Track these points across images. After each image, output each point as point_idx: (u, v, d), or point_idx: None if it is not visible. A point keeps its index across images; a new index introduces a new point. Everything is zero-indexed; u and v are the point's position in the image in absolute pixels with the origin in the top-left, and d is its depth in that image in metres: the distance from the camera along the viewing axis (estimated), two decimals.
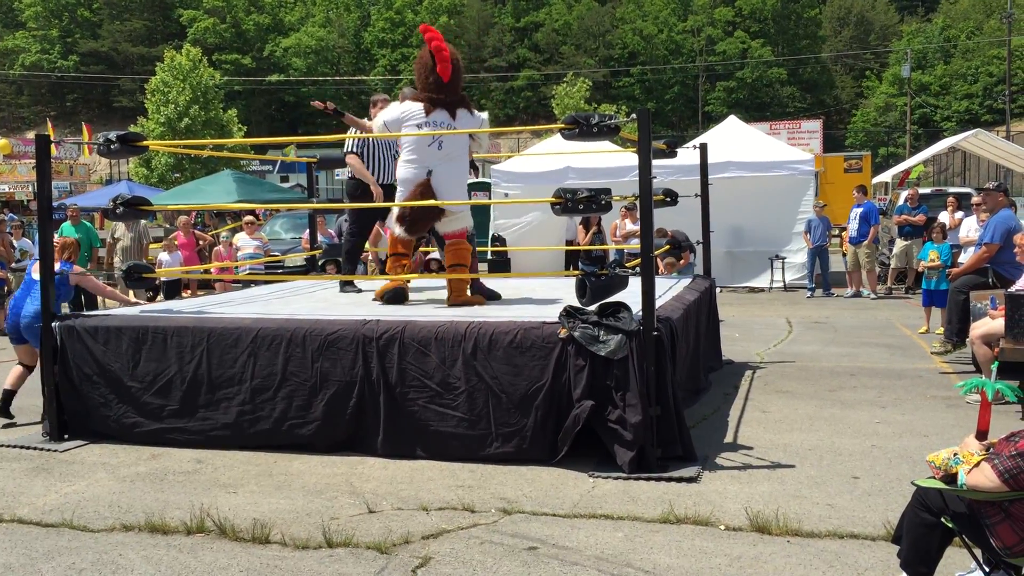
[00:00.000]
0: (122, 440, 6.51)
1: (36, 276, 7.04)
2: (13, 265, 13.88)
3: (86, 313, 7.24)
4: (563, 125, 6.19)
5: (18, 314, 7.30)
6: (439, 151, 7.20)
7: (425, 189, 7.17)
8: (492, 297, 7.76)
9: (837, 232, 19.15)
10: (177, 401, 6.41)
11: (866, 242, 15.24)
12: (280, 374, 6.19)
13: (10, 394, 7.41)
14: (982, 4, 66.46)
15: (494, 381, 5.78)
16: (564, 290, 7.66)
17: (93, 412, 6.62)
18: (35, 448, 6.47)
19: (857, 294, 15.38)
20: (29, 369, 7.42)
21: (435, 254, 10.78)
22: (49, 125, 30.24)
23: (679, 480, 5.39)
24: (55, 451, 6.39)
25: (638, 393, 5.50)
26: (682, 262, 11.75)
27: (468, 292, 7.42)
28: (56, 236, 7.68)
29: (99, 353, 6.57)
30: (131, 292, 7.42)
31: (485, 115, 7.51)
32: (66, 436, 6.66)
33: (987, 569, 3.52)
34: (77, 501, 5.31)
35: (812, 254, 15.85)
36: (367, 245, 11.37)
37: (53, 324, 6.69)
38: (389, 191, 8.06)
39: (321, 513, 4.99)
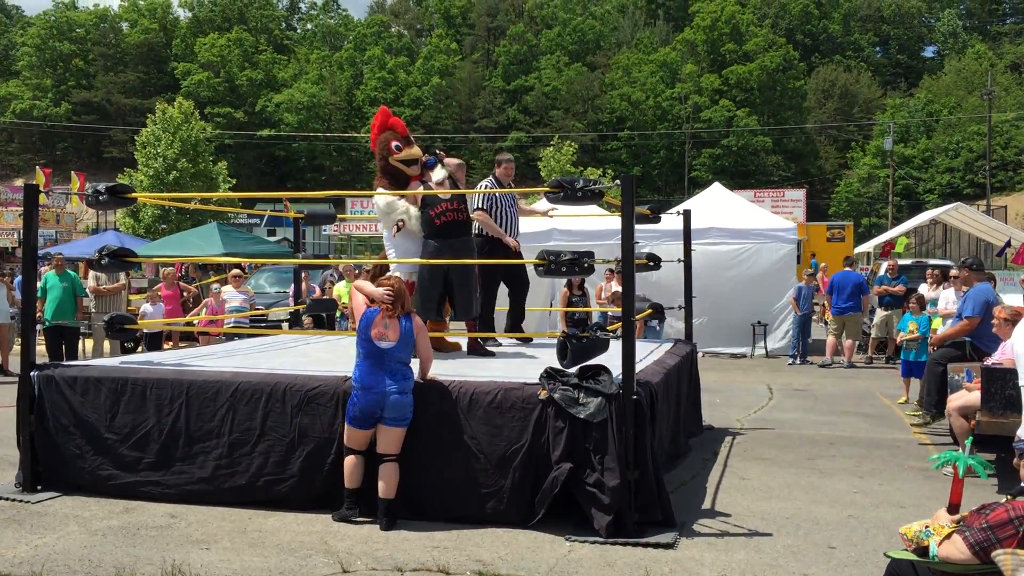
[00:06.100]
0: (96, 492, 6.43)
1: (383, 343, 5.77)
2: (13, 312, 13.84)
3: (65, 363, 7.16)
4: (548, 188, 6.28)
5: (371, 392, 5.71)
6: None
7: None
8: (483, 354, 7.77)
9: (821, 301, 19.26)
10: (154, 454, 6.35)
11: (860, 312, 15.32)
12: (259, 429, 6.15)
13: (353, 493, 5.86)
14: (964, 81, 68.03)
15: (472, 441, 5.78)
16: (545, 351, 7.68)
17: (68, 463, 6.54)
18: (7, 499, 6.38)
19: (851, 364, 15.29)
20: (364, 457, 5.86)
21: None
22: (42, 173, 30.24)
23: (656, 546, 5.37)
24: (27, 502, 6.30)
25: (617, 457, 5.50)
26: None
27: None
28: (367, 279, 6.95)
29: (77, 404, 6.52)
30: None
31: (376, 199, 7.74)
32: (39, 487, 6.56)
33: None
34: (47, 554, 5.24)
35: (799, 321, 15.86)
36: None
37: (32, 373, 6.65)
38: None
39: (294, 572, 4.94)
